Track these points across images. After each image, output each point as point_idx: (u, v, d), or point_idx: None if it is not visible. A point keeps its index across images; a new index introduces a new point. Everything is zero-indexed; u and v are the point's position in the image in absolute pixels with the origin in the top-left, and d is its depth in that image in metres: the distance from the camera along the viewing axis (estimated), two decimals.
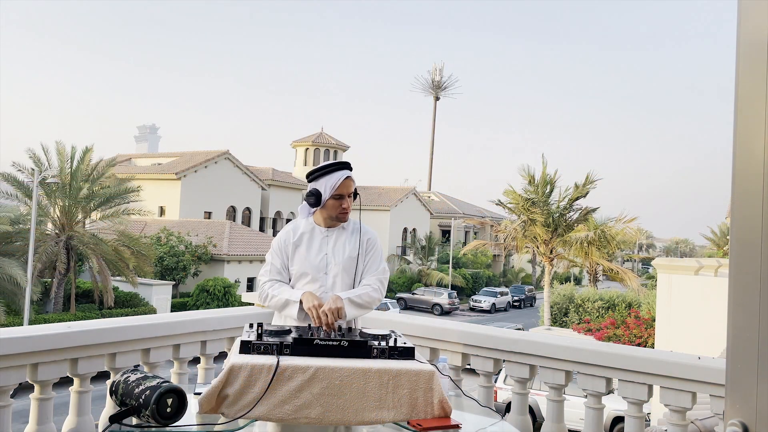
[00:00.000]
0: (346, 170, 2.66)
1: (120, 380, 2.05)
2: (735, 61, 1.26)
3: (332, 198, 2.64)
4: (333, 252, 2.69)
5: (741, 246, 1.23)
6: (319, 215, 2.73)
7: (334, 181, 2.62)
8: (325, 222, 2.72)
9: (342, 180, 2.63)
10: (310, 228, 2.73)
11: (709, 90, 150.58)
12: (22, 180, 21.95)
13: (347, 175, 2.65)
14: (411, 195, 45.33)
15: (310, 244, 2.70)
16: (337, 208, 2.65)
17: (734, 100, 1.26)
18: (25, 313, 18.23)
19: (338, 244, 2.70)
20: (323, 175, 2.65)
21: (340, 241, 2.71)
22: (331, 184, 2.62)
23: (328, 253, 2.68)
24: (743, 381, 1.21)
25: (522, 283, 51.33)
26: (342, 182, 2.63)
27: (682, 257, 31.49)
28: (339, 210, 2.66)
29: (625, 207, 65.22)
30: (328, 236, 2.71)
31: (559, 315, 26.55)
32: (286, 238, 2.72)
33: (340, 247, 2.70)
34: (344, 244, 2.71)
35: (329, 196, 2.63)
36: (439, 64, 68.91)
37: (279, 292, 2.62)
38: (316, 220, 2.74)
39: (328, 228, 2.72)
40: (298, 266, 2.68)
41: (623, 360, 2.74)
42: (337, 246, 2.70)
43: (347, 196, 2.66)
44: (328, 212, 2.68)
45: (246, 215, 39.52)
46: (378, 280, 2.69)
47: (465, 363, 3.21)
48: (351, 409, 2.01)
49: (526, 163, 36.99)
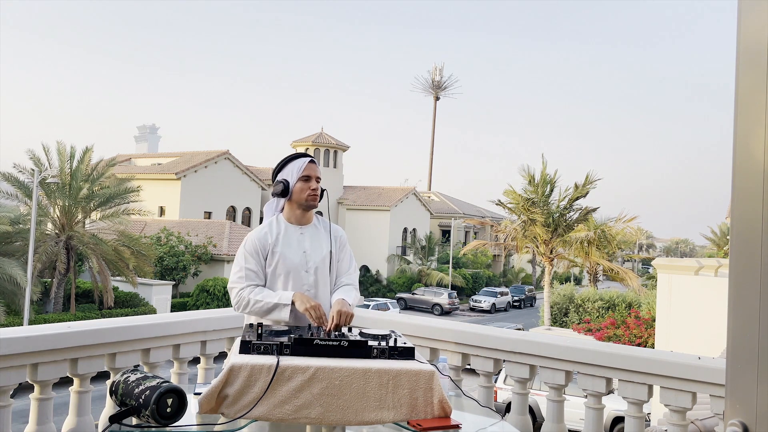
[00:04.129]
0: (309, 157, 2.72)
1: (120, 380, 2.04)
2: (735, 61, 1.26)
3: (300, 181, 2.64)
4: (311, 250, 2.67)
5: (741, 246, 1.23)
6: (289, 209, 2.70)
7: (300, 165, 2.66)
8: (295, 217, 2.69)
9: (306, 163, 2.68)
10: (283, 227, 2.69)
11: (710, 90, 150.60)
12: (22, 180, 21.95)
13: (311, 159, 2.71)
14: (411, 195, 45.32)
15: (287, 243, 2.65)
16: (306, 190, 2.64)
17: (734, 100, 1.26)
18: (25, 313, 18.23)
19: (314, 241, 2.70)
20: (286, 164, 2.70)
21: (315, 239, 2.71)
22: (296, 169, 2.66)
23: (306, 251, 2.66)
24: (743, 381, 1.21)
25: (522, 283, 51.33)
26: (307, 164, 2.67)
27: (682, 257, 31.50)
28: (308, 192, 2.64)
29: (625, 207, 65.18)
30: (303, 234, 2.69)
31: (559, 315, 26.55)
32: (262, 237, 2.65)
33: (317, 245, 2.70)
34: (320, 242, 2.71)
35: (296, 179, 2.64)
36: (439, 64, 69.04)
37: (263, 296, 2.51)
38: (287, 217, 2.70)
39: (301, 225, 2.70)
40: (277, 266, 2.61)
41: (623, 360, 2.74)
42: (313, 244, 2.69)
43: (314, 178, 2.66)
44: (297, 198, 2.65)
45: (246, 215, 39.52)
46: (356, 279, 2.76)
47: (465, 363, 3.20)
48: (351, 409, 2.01)
49: (526, 163, 37.04)
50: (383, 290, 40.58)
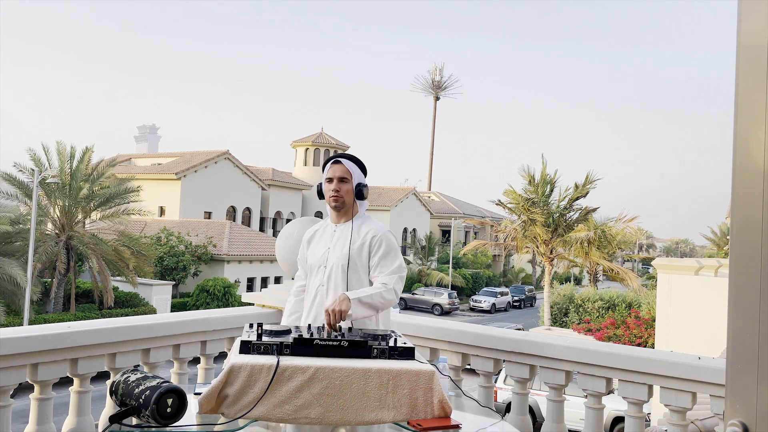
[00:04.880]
0: (335, 157, 2.80)
1: (120, 380, 2.04)
2: (735, 61, 1.26)
3: (325, 182, 2.76)
4: (335, 248, 2.72)
5: (741, 246, 1.23)
6: (329, 210, 2.83)
7: (326, 168, 2.78)
8: (332, 217, 2.81)
9: (330, 165, 2.77)
10: (324, 225, 2.87)
11: (710, 89, 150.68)
12: (22, 180, 21.94)
13: (335, 160, 2.78)
14: (411, 195, 45.33)
15: (320, 239, 2.82)
16: (329, 191, 2.73)
17: (734, 100, 1.26)
18: (25, 313, 18.22)
19: (341, 240, 2.72)
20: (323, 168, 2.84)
21: (343, 237, 2.73)
22: (324, 171, 2.79)
23: (330, 247, 2.73)
24: (743, 381, 1.21)
25: (522, 283, 51.32)
26: (329, 166, 2.76)
27: (682, 257, 31.47)
28: (330, 193, 2.72)
29: (625, 207, 65.26)
30: (336, 231, 2.77)
31: (559, 315, 26.54)
32: (305, 235, 2.90)
33: (342, 243, 2.71)
34: (345, 239, 2.72)
35: (324, 182, 2.77)
36: (439, 64, 69.03)
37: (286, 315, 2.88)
38: (331, 217, 2.84)
39: (337, 224, 2.79)
40: (309, 261, 2.80)
41: (623, 360, 2.74)
42: (339, 242, 2.72)
43: (336, 179, 2.72)
44: (327, 200, 2.77)
45: (246, 215, 39.51)
46: (395, 278, 2.63)
47: (465, 363, 3.20)
48: (351, 409, 2.01)
49: (526, 163, 37.10)
50: None
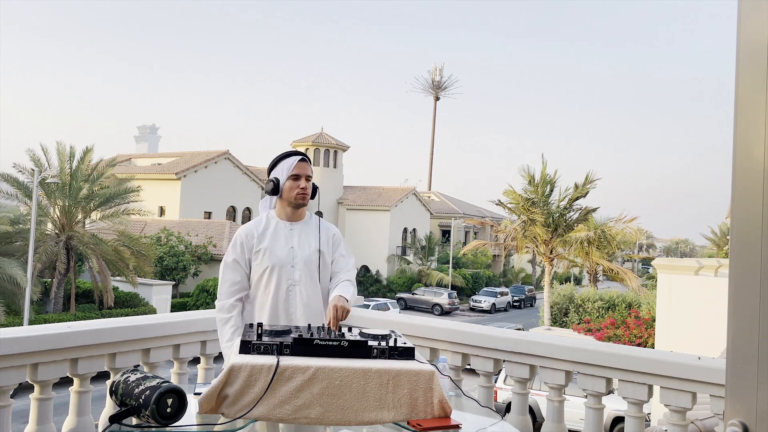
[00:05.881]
0: (300, 155, 2.76)
1: (120, 380, 2.04)
2: (735, 61, 1.26)
3: (289, 179, 2.70)
4: (299, 245, 2.70)
5: (741, 246, 1.23)
6: (280, 207, 2.76)
7: (290, 164, 2.72)
8: (286, 214, 2.75)
9: (297, 161, 2.73)
10: (273, 223, 2.75)
11: (710, 90, 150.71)
12: (22, 180, 21.94)
13: (301, 157, 2.75)
14: (411, 195, 45.31)
15: (275, 238, 2.71)
16: (295, 188, 2.70)
17: (734, 100, 1.26)
18: (25, 313, 18.23)
19: (302, 237, 2.73)
20: (278, 162, 2.75)
21: (304, 235, 2.74)
22: (287, 167, 2.72)
23: (294, 246, 2.70)
24: (743, 381, 1.21)
25: (522, 283, 51.31)
26: (297, 163, 2.72)
27: (682, 257, 31.49)
28: (296, 190, 2.69)
29: (625, 207, 65.28)
30: (293, 230, 2.74)
31: (559, 315, 26.54)
32: (248, 232, 2.72)
33: (305, 241, 2.72)
34: (309, 239, 2.73)
35: (286, 177, 2.70)
36: (439, 64, 68.97)
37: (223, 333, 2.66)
38: (278, 214, 2.77)
39: (292, 222, 2.75)
40: (263, 261, 2.67)
41: (623, 360, 2.74)
42: (302, 240, 2.72)
43: (303, 177, 2.71)
44: (287, 196, 2.71)
45: (246, 215, 39.51)
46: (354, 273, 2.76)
47: (465, 363, 3.20)
48: (351, 409, 2.01)
49: (526, 163, 37.09)
50: (383, 290, 40.57)
